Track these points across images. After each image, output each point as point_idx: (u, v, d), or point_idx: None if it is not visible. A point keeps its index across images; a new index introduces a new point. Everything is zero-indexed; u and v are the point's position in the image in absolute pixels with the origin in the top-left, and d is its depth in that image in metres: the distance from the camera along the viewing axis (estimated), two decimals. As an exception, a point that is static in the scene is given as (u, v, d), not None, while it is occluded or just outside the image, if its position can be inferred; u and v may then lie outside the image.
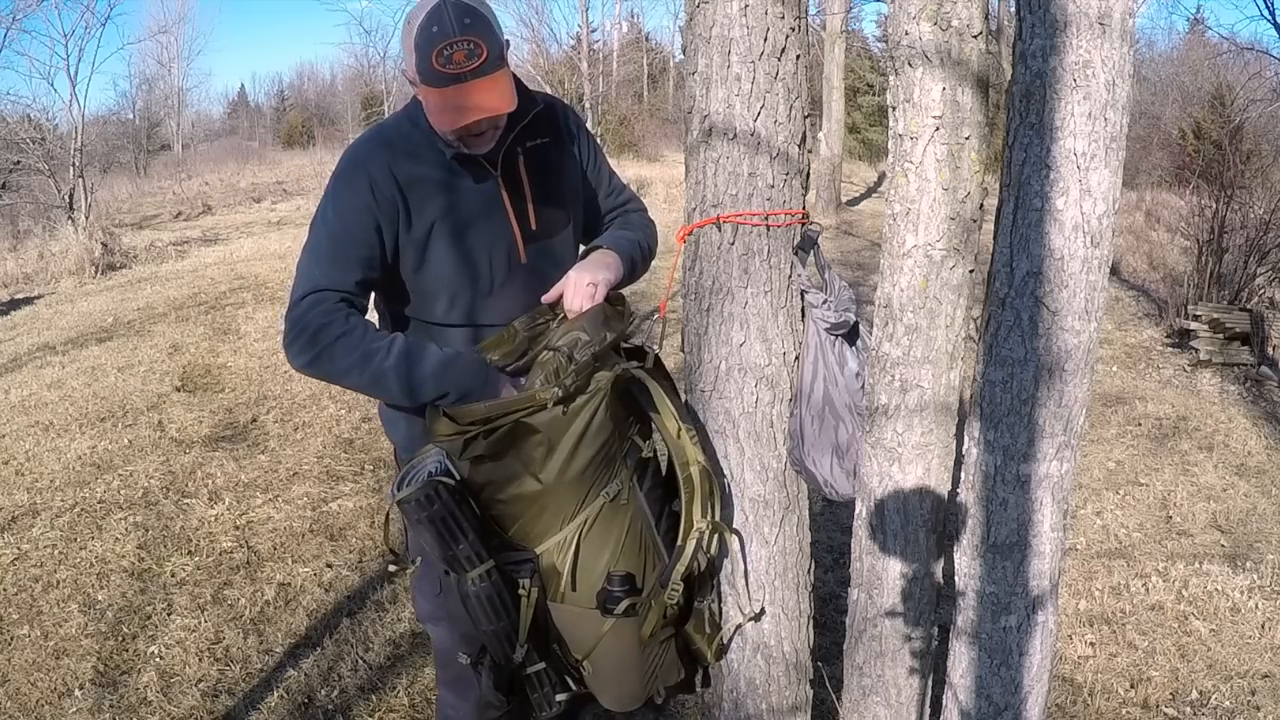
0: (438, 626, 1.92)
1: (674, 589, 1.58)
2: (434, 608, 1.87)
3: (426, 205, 1.65)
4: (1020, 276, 1.35)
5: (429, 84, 1.53)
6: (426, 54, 1.50)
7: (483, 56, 1.51)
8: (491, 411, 1.50)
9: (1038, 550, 1.44)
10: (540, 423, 1.50)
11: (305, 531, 3.63)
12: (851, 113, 23.61)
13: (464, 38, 1.50)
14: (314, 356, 1.57)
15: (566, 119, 1.84)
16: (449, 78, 1.51)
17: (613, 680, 1.67)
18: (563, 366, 1.51)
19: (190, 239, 12.69)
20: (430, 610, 1.90)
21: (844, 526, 3.44)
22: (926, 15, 1.37)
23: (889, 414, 1.52)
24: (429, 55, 1.50)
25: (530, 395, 1.49)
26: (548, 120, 1.77)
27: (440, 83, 1.51)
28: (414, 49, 1.52)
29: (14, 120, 13.37)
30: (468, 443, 1.51)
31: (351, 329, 1.58)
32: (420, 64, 1.52)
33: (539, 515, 1.57)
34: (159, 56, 38.27)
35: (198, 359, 6.22)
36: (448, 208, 1.66)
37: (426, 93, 1.56)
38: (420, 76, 1.54)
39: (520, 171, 1.72)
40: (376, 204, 1.62)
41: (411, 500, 1.48)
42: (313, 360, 1.58)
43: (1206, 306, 6.43)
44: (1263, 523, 3.79)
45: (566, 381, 1.48)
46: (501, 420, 1.49)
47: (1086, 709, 2.56)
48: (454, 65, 1.50)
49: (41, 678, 2.71)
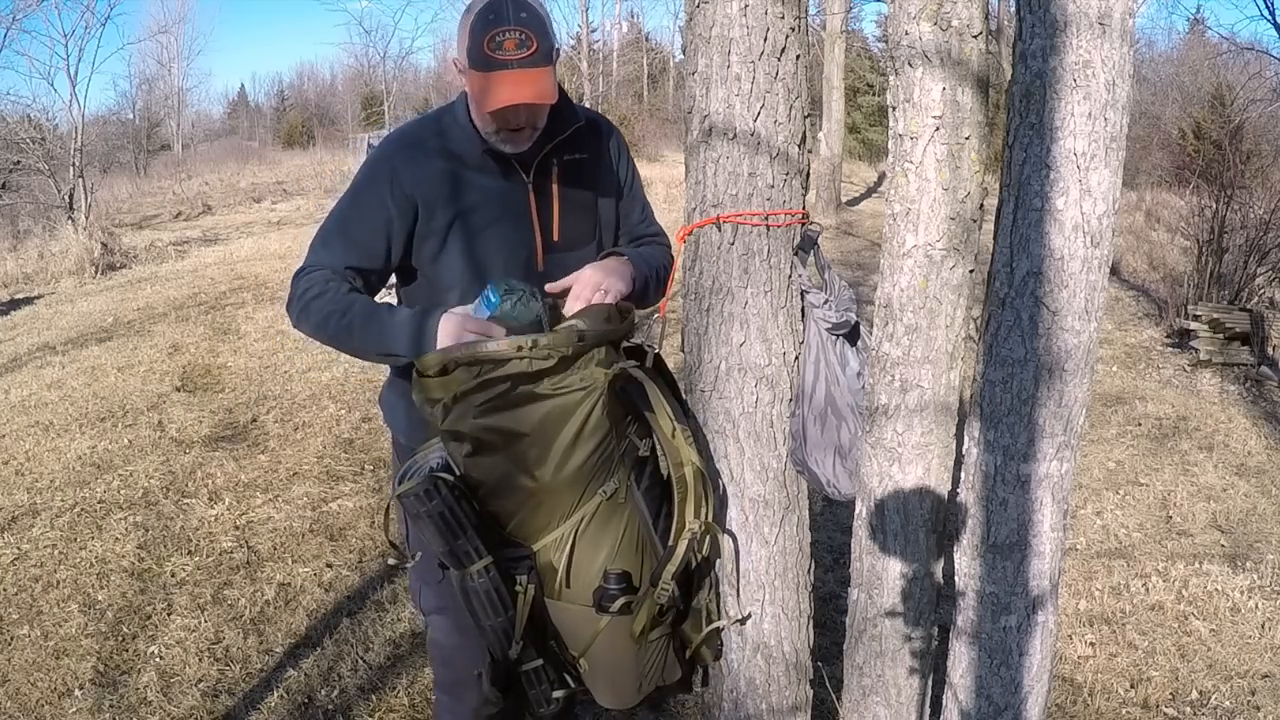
0: (442, 617, 1.89)
1: (664, 588, 1.58)
2: (438, 596, 1.85)
3: (452, 199, 1.69)
4: (1020, 276, 1.35)
5: (476, 68, 1.57)
6: (479, 39, 1.55)
7: (532, 49, 1.56)
8: (465, 356, 1.46)
9: (1038, 550, 1.44)
10: (529, 425, 1.48)
11: (305, 531, 3.63)
12: (851, 113, 23.61)
13: (518, 28, 1.55)
14: (297, 317, 1.68)
15: (611, 140, 1.87)
16: (496, 63, 1.55)
17: (608, 678, 1.67)
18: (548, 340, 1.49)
19: (190, 239, 12.70)
20: (435, 601, 1.87)
21: (844, 526, 3.44)
22: (926, 15, 1.37)
23: (889, 414, 1.52)
24: (481, 40, 1.55)
25: (511, 344, 1.45)
26: (590, 136, 1.80)
27: (486, 67, 1.56)
28: (468, 34, 1.57)
29: (14, 120, 13.38)
30: (446, 409, 1.48)
31: (325, 290, 1.65)
32: (472, 48, 1.57)
33: (535, 511, 1.56)
34: (159, 56, 38.32)
35: (198, 359, 6.22)
36: (474, 203, 1.70)
37: (472, 78, 1.60)
38: (469, 60, 1.58)
39: (553, 182, 1.75)
40: (392, 199, 1.67)
41: (412, 495, 1.48)
42: (297, 320, 1.68)
43: (1206, 306, 6.43)
44: (1263, 523, 3.80)
45: (545, 347, 1.46)
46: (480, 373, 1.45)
47: (1086, 709, 2.56)
48: (503, 52, 1.54)
49: (41, 678, 2.71)
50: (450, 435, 1.53)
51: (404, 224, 1.69)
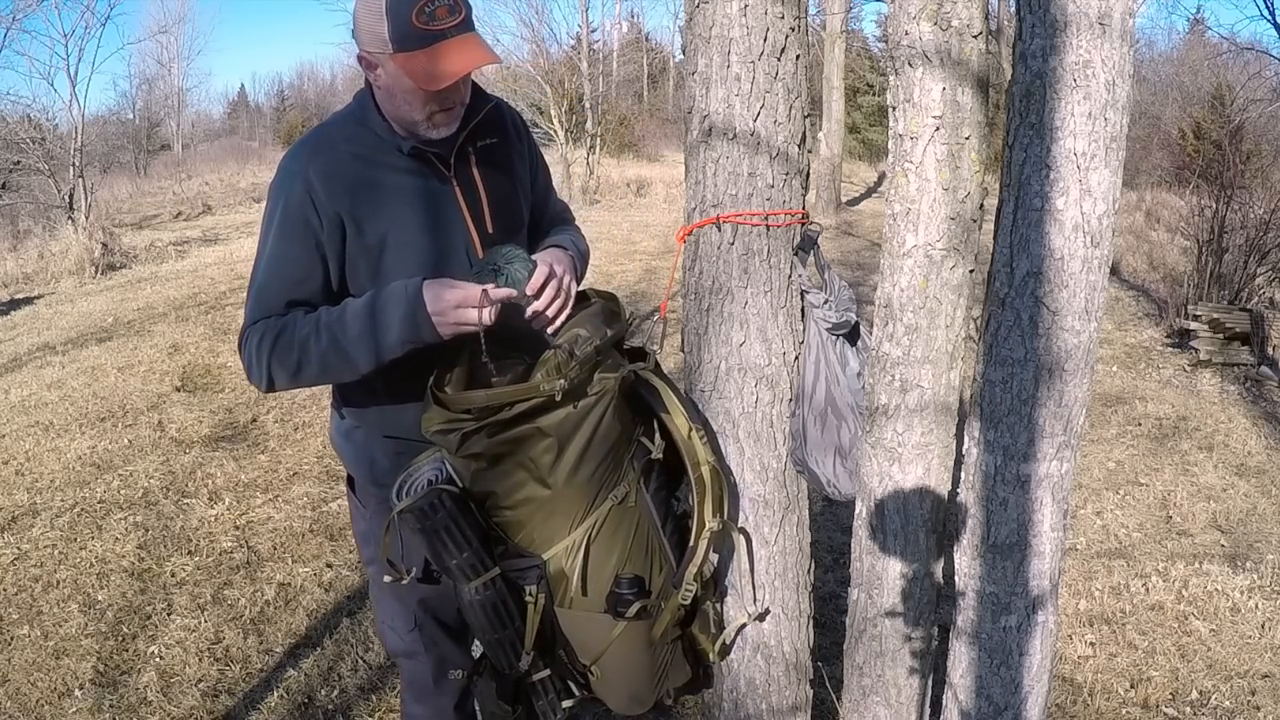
0: (412, 661, 1.85)
1: (687, 589, 1.58)
2: (408, 643, 1.81)
3: (378, 211, 1.56)
4: (1020, 276, 1.35)
5: (407, 48, 1.44)
6: (404, 15, 1.42)
7: (462, 14, 1.46)
8: (491, 400, 1.44)
9: (1038, 550, 1.44)
10: (549, 426, 1.47)
11: (305, 531, 3.63)
12: (851, 113, 23.62)
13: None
14: (268, 373, 1.54)
15: (513, 118, 1.77)
16: (433, 35, 1.43)
17: (623, 684, 1.66)
18: (565, 361, 1.48)
19: (190, 239, 12.70)
20: (405, 646, 1.83)
21: (844, 526, 3.44)
22: (926, 15, 1.37)
23: (889, 414, 1.52)
24: (408, 15, 1.42)
25: (533, 385, 1.44)
26: (496, 119, 1.70)
27: (422, 42, 1.43)
28: (385, 13, 1.43)
29: (14, 120, 13.37)
30: (465, 437, 1.46)
31: (279, 330, 1.52)
32: (396, 28, 1.43)
33: (547, 520, 1.54)
34: (159, 56, 38.28)
35: (198, 359, 6.22)
36: (401, 213, 1.57)
37: (405, 59, 1.45)
38: (396, 43, 1.44)
39: (473, 172, 1.65)
40: (318, 216, 1.53)
41: (414, 511, 1.45)
42: (270, 376, 1.54)
43: (1206, 306, 6.43)
44: (1263, 523, 3.80)
45: (570, 374, 1.44)
46: (501, 411, 1.44)
47: (1086, 709, 2.56)
48: (437, 21, 1.43)
49: (41, 678, 2.71)
50: (468, 459, 1.50)
51: (334, 243, 1.55)
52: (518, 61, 17.67)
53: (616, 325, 1.60)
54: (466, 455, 1.49)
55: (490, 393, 1.46)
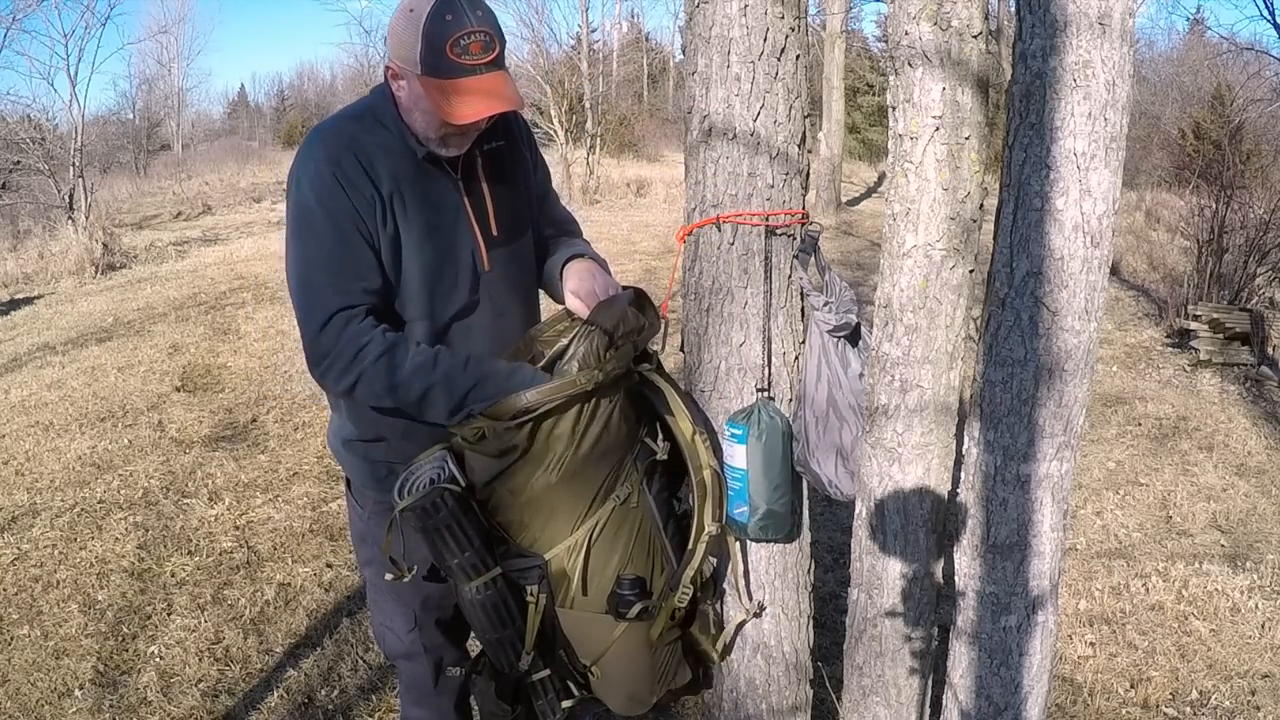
0: (410, 663, 1.84)
1: (684, 591, 1.58)
2: (406, 644, 1.80)
3: (398, 206, 1.55)
4: (1020, 276, 1.35)
5: (436, 75, 1.44)
6: (439, 44, 1.42)
7: (495, 50, 1.46)
8: (532, 403, 1.43)
9: (1038, 550, 1.44)
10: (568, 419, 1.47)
11: (305, 531, 3.63)
12: (851, 113, 23.60)
13: (480, 29, 1.43)
14: (355, 380, 1.50)
15: (517, 121, 1.76)
16: (463, 69, 1.43)
17: (623, 684, 1.66)
18: (603, 346, 1.47)
19: (190, 239, 12.70)
20: (404, 647, 1.82)
21: (844, 526, 3.44)
22: (926, 15, 1.37)
23: (889, 414, 1.52)
24: (442, 45, 1.42)
25: (570, 381, 1.43)
26: (501, 120, 1.69)
27: (453, 74, 1.44)
28: (421, 38, 1.43)
29: (14, 120, 13.36)
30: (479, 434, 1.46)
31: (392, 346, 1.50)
32: (429, 53, 1.43)
33: (550, 519, 1.55)
34: (159, 56, 38.28)
35: (198, 359, 6.22)
36: (415, 212, 1.56)
37: (429, 84, 1.46)
38: (426, 67, 1.44)
39: (479, 176, 1.65)
40: (361, 200, 1.52)
41: (417, 509, 1.45)
42: (354, 384, 1.50)
43: (1206, 306, 6.43)
44: (1263, 523, 3.79)
45: (608, 367, 1.44)
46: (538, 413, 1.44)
47: (1086, 709, 2.56)
48: (470, 56, 1.43)
49: (41, 678, 2.71)
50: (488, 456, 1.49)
51: (371, 224, 1.53)
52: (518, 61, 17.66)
53: (653, 319, 1.60)
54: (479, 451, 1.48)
55: (531, 398, 1.44)
